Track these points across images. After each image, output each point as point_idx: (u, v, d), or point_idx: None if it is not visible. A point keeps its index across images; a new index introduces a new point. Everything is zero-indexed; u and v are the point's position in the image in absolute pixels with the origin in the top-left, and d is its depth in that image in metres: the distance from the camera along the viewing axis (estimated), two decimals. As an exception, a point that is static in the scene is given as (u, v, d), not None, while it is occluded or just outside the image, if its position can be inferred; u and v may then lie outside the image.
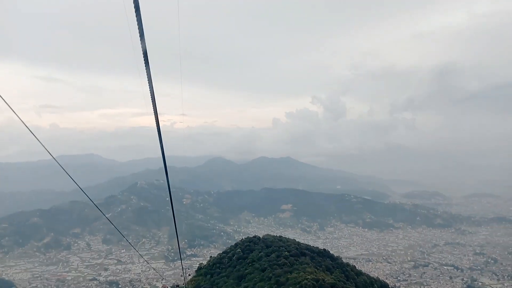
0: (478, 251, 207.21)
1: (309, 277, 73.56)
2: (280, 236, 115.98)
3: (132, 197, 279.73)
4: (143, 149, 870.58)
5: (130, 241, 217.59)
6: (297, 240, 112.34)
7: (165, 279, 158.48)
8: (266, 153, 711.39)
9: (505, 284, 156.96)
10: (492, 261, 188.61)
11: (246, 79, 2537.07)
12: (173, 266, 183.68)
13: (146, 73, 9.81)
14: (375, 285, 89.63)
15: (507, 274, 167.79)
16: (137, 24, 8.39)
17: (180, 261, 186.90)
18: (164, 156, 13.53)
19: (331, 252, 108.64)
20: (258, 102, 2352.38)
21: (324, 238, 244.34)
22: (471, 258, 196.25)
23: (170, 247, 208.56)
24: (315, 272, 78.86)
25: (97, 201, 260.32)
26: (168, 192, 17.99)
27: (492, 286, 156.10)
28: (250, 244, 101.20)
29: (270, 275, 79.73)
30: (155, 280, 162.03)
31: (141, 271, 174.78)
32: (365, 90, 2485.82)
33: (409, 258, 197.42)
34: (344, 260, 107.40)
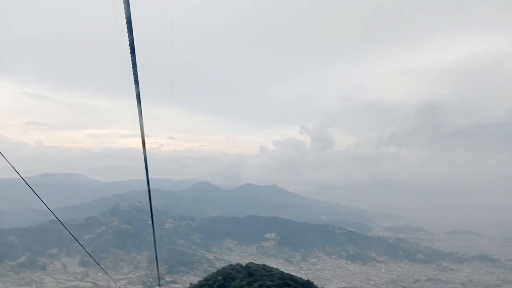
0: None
1: None
2: (264, 265, 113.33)
3: (113, 218, 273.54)
4: (128, 170, 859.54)
5: (108, 264, 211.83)
6: (280, 270, 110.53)
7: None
8: (253, 180, 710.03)
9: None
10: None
11: (235, 106, 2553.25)
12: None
13: (135, 95, 10.11)
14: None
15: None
16: (129, 45, 8.63)
17: (158, 287, 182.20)
18: (148, 178, 13.56)
19: (314, 283, 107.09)
20: (246, 129, 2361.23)
21: (306, 269, 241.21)
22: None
23: (149, 272, 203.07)
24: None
25: (77, 221, 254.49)
26: (151, 216, 17.77)
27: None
28: (232, 272, 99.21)
29: None
30: None
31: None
32: (352, 122, 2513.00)
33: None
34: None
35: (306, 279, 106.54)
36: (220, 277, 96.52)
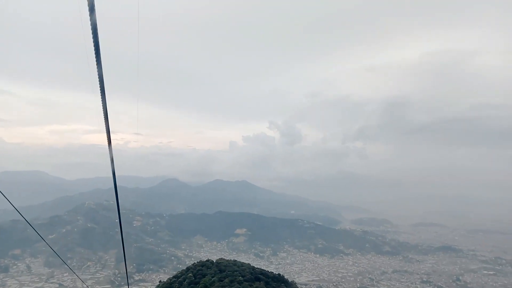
0: (425, 279, 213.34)
1: None
2: (235, 260, 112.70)
3: (78, 217, 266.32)
4: (93, 167, 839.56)
5: (74, 264, 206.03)
6: (251, 265, 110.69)
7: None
8: (222, 176, 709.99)
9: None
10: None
11: (204, 101, 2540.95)
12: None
13: (99, 89, 9.75)
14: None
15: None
16: (93, 39, 8.30)
17: (127, 286, 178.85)
18: (114, 176, 13.07)
19: (284, 277, 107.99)
20: (216, 125, 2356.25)
21: (276, 264, 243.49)
22: (418, 286, 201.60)
23: (117, 271, 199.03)
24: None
25: (41, 220, 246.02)
26: (118, 213, 17.32)
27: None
28: (203, 269, 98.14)
29: None
30: None
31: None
32: (320, 118, 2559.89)
33: (358, 285, 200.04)
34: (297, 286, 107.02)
35: (277, 273, 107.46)
36: (190, 274, 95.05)
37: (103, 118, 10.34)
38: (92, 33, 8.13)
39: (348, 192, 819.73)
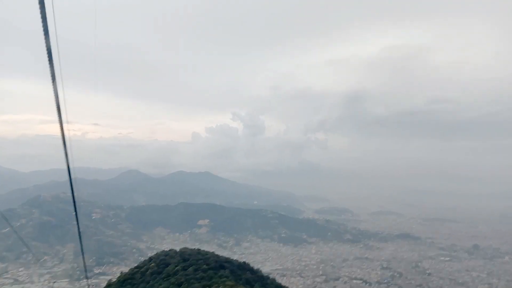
0: (385, 266, 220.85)
1: None
2: (199, 249, 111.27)
3: (33, 210, 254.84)
4: (49, 159, 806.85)
5: (30, 258, 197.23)
6: (216, 254, 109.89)
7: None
8: (185, 167, 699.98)
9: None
10: (398, 275, 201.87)
11: (165, 91, 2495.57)
12: (78, 286, 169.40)
13: (50, 76, 8.85)
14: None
15: (411, 287, 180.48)
16: (41, 20, 7.57)
17: (86, 280, 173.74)
18: (68, 166, 12.18)
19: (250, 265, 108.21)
20: (178, 115, 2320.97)
21: (240, 253, 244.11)
22: (379, 272, 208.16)
23: (75, 265, 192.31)
24: (235, 285, 77.27)
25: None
26: (73, 204, 16.37)
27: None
28: (166, 258, 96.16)
29: None
30: None
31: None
32: (282, 110, 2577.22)
33: (321, 272, 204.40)
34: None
35: (242, 261, 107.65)
36: (153, 264, 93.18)
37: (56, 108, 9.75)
38: (41, 13, 7.34)
39: (310, 182, 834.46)
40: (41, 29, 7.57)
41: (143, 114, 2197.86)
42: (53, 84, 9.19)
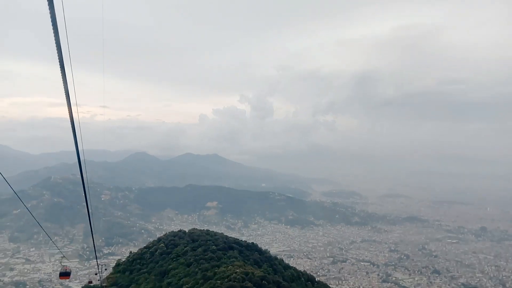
0: (393, 248, 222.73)
1: (238, 270, 72.15)
2: (208, 230, 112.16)
3: (44, 192, 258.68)
4: (59, 141, 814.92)
5: (41, 238, 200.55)
6: (224, 234, 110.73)
7: (66, 258, 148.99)
8: (192, 149, 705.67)
9: (416, 278, 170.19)
10: (405, 257, 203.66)
11: (172, 74, 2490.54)
12: (88, 266, 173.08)
13: (57, 59, 8.48)
14: (302, 279, 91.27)
15: (417, 269, 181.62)
16: (48, 2, 7.33)
17: (95, 260, 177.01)
18: (77, 147, 12.28)
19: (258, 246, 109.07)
20: (185, 97, 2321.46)
21: (248, 235, 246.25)
22: (386, 254, 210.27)
23: (85, 245, 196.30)
24: (244, 265, 77.78)
25: (5, 196, 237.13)
26: (82, 185, 16.46)
27: (404, 280, 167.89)
28: (175, 239, 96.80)
29: (196, 270, 76.42)
30: (66, 280, 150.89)
31: (52, 270, 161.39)
32: (291, 91, 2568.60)
33: (328, 254, 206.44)
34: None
35: (251, 242, 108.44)
36: (162, 244, 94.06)
37: (64, 90, 9.62)
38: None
39: (318, 165, 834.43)
40: (48, 11, 7.42)
41: (151, 96, 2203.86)
42: (60, 67, 9.07)
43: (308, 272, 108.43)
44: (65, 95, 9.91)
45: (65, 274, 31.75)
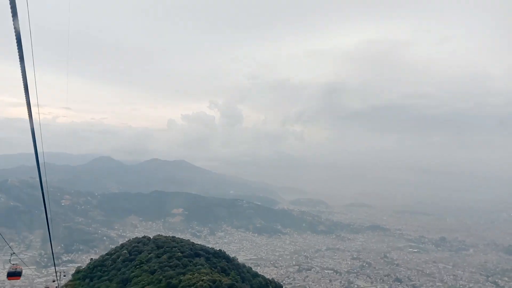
0: (355, 256, 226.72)
1: (204, 278, 70.36)
2: (173, 237, 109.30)
3: (0, 195, 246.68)
4: (17, 143, 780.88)
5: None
6: (191, 241, 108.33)
7: (16, 255, 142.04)
8: (159, 155, 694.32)
9: (377, 286, 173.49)
10: (367, 265, 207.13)
11: (142, 77, 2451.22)
12: (45, 273, 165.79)
13: (18, 56, 8.26)
14: (270, 287, 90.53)
15: (379, 277, 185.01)
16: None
17: (54, 267, 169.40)
18: (36, 149, 11.84)
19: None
20: (153, 102, 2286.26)
21: (214, 243, 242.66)
22: (349, 262, 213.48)
23: (43, 252, 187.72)
24: (211, 273, 76.05)
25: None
26: (41, 189, 16.16)
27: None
28: (139, 245, 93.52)
29: (161, 277, 73.94)
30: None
31: (6, 278, 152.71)
32: (261, 100, 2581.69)
33: (294, 262, 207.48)
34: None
35: (218, 249, 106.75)
36: (124, 251, 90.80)
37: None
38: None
39: (287, 173, 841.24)
40: (9, 6, 7.23)
41: (119, 100, 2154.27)
42: (20, 64, 8.80)
43: (276, 280, 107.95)
44: (24, 94, 9.53)
45: (14, 274, 28.75)
